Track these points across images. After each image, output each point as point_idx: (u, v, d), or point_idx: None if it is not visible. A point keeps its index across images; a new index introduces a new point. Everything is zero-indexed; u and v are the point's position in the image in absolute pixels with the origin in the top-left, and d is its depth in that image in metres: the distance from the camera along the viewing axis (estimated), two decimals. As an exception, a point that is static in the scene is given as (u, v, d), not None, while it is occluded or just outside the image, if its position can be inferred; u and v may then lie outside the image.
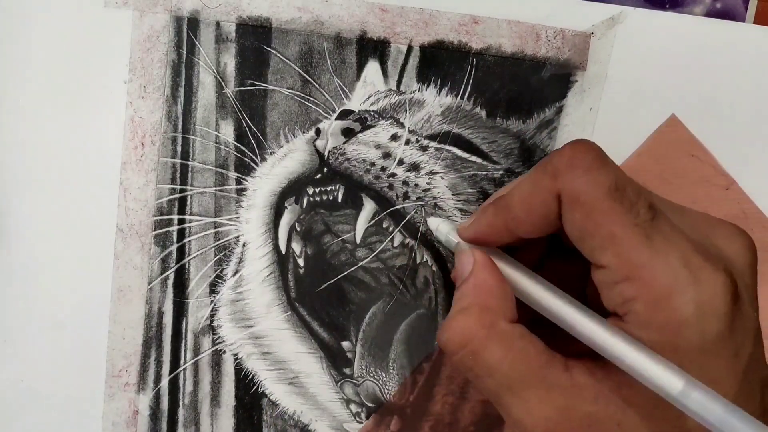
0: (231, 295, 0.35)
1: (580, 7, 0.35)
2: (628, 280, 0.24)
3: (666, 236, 0.24)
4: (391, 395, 0.36)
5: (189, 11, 0.34)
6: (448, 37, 0.34)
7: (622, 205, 0.24)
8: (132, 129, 0.34)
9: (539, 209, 0.26)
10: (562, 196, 0.25)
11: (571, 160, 0.25)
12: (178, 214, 0.35)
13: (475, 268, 0.29)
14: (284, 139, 0.35)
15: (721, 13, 0.36)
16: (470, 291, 0.28)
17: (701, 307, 0.24)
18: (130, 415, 0.35)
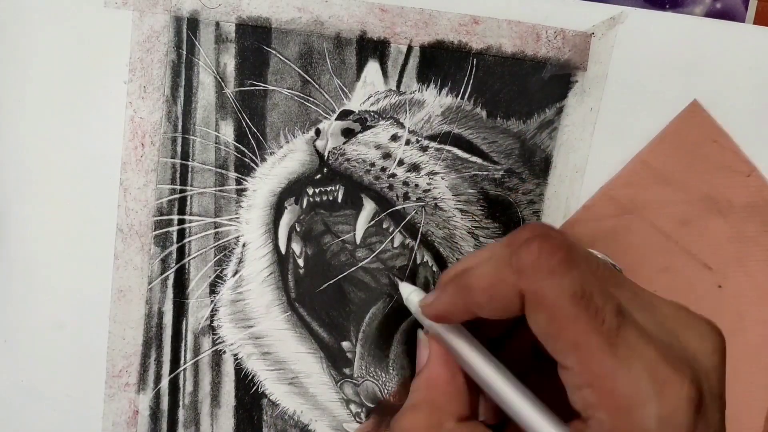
0: (231, 295, 0.35)
1: (581, 8, 0.35)
2: (591, 386, 0.24)
3: (631, 345, 0.24)
4: (390, 395, 0.36)
5: (189, 11, 0.34)
6: (448, 38, 0.34)
7: (587, 312, 0.24)
8: (132, 129, 0.34)
9: (500, 300, 0.26)
10: (526, 296, 0.25)
11: (538, 259, 0.25)
12: (178, 214, 0.35)
13: (429, 361, 0.29)
14: (284, 140, 0.35)
15: (721, 13, 0.36)
16: (422, 385, 0.29)
17: (663, 421, 0.24)
18: (131, 415, 0.35)
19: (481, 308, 0.27)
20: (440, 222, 0.35)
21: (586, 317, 0.24)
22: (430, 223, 0.35)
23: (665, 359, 0.24)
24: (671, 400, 0.24)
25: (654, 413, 0.24)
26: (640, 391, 0.24)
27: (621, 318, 0.24)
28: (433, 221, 0.35)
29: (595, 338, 0.24)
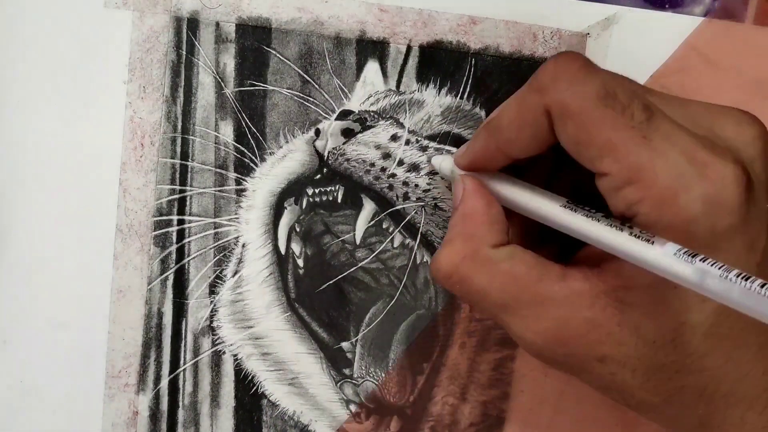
0: (231, 295, 0.35)
1: (577, 8, 0.35)
2: (631, 183, 0.24)
3: (665, 135, 0.24)
4: (390, 396, 0.36)
5: (189, 12, 0.34)
6: (447, 38, 0.34)
7: (614, 110, 0.24)
8: (131, 129, 0.34)
9: (529, 127, 0.26)
10: (552, 111, 0.25)
11: (555, 73, 0.25)
12: (177, 214, 0.35)
13: (464, 196, 0.29)
14: (284, 140, 0.35)
15: (720, 13, 0.36)
16: (457, 221, 0.29)
17: (709, 201, 0.23)
18: (130, 415, 0.35)
19: (512, 145, 0.27)
20: (440, 222, 0.35)
21: (614, 115, 0.24)
22: (430, 223, 0.35)
23: (703, 144, 0.24)
24: (715, 179, 0.23)
25: (698, 195, 0.23)
26: (681, 176, 0.23)
27: (649, 112, 0.24)
28: (433, 221, 0.35)
29: (626, 134, 0.24)
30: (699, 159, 0.23)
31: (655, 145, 0.23)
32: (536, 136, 0.26)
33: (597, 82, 0.24)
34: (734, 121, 0.26)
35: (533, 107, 0.25)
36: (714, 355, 0.25)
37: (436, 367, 0.36)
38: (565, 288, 0.26)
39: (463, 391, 0.36)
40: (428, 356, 0.36)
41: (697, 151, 0.23)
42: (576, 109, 0.24)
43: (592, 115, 0.24)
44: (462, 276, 0.27)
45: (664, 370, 0.25)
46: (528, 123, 0.26)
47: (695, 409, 0.26)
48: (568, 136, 0.25)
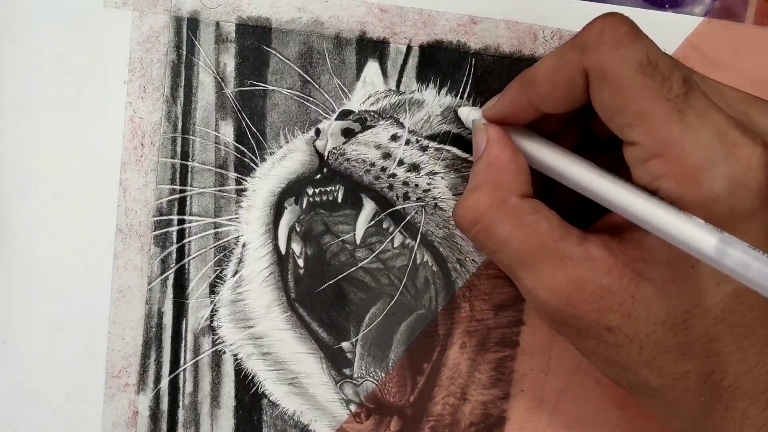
0: (231, 295, 0.35)
1: (577, 8, 0.35)
2: (658, 156, 0.24)
3: (699, 111, 0.23)
4: (391, 396, 0.36)
5: (189, 11, 0.34)
6: (447, 38, 0.34)
7: (653, 81, 0.24)
8: (131, 129, 0.34)
9: (565, 85, 0.26)
10: (590, 73, 0.25)
11: (600, 35, 0.24)
12: (177, 214, 0.35)
13: (488, 145, 0.29)
14: (284, 140, 0.35)
15: (720, 13, 0.36)
16: (483, 169, 0.28)
17: (734, 182, 0.23)
18: (130, 415, 0.35)
19: (544, 100, 0.27)
20: (440, 222, 0.35)
21: (653, 85, 0.23)
22: (430, 223, 0.35)
23: (735, 126, 0.23)
24: (742, 161, 0.23)
25: (724, 174, 0.23)
26: (710, 154, 0.23)
27: (688, 86, 0.24)
28: (434, 221, 0.35)
29: (662, 106, 0.23)
30: (729, 139, 0.23)
31: (688, 120, 0.23)
32: (570, 94, 0.26)
33: (641, 50, 0.24)
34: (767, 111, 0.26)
35: (572, 65, 0.25)
36: (723, 341, 0.25)
37: (436, 367, 0.36)
38: (584, 251, 0.26)
39: (463, 391, 0.36)
40: (428, 356, 0.36)
41: (728, 131, 0.23)
42: (615, 75, 0.24)
43: (631, 83, 0.24)
44: (487, 224, 0.27)
45: (672, 351, 0.25)
46: (564, 80, 0.26)
47: (697, 396, 0.26)
48: (603, 100, 0.25)
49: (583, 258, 0.26)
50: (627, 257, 0.26)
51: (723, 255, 0.22)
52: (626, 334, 0.25)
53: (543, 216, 0.27)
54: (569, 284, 0.26)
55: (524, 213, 0.27)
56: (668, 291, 0.25)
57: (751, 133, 0.24)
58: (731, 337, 0.25)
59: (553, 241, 0.26)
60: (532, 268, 0.26)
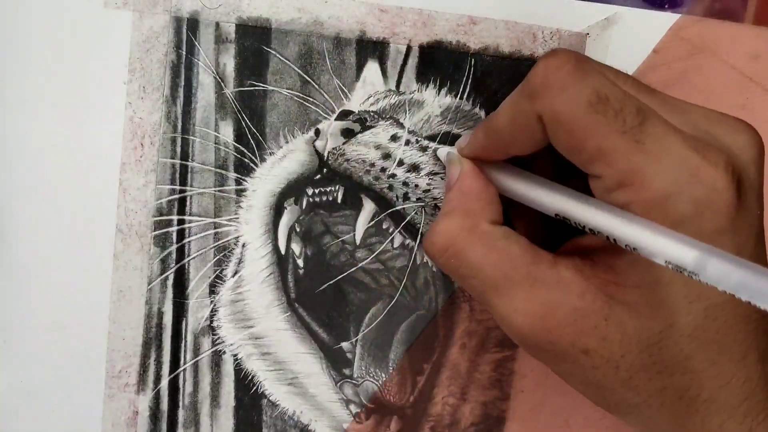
0: (231, 295, 0.35)
1: (577, 8, 0.35)
2: (622, 186, 0.24)
3: (657, 138, 0.23)
4: (390, 396, 0.36)
5: (189, 12, 0.34)
6: (447, 38, 0.34)
7: (606, 117, 0.24)
8: (131, 129, 0.34)
9: (523, 131, 0.26)
10: (543, 117, 0.25)
11: (545, 78, 0.24)
12: (177, 214, 0.35)
13: (462, 176, 0.29)
14: (284, 140, 0.35)
15: (720, 13, 0.36)
16: (455, 196, 0.29)
17: (699, 204, 0.23)
18: (130, 415, 0.35)
19: (510, 145, 0.27)
20: (440, 222, 0.35)
21: (606, 121, 0.23)
22: (430, 224, 0.35)
23: (696, 148, 0.23)
24: (707, 182, 0.23)
25: (687, 198, 0.23)
26: (673, 179, 0.23)
27: (642, 116, 0.24)
28: (433, 221, 0.35)
29: (618, 139, 0.23)
30: (691, 162, 0.23)
31: (647, 149, 0.23)
32: (531, 139, 0.26)
33: (588, 88, 0.24)
34: (732, 129, 0.26)
35: (525, 113, 0.25)
36: (698, 358, 0.25)
37: (436, 368, 0.36)
38: (556, 274, 0.26)
39: (463, 391, 0.36)
40: (428, 356, 0.36)
41: (689, 155, 0.23)
42: (566, 117, 0.24)
43: (583, 122, 0.24)
44: (458, 249, 0.27)
45: (647, 369, 0.25)
46: (522, 127, 0.26)
47: (674, 411, 0.26)
48: (560, 142, 0.25)
49: (556, 281, 0.26)
50: (599, 280, 0.26)
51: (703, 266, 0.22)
52: (602, 355, 0.25)
53: (514, 241, 0.27)
54: (543, 308, 0.26)
55: (495, 238, 0.27)
56: (641, 313, 0.25)
57: (713, 154, 0.24)
58: (705, 353, 0.25)
59: (525, 265, 0.26)
60: (505, 293, 0.26)
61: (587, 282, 0.26)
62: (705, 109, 0.26)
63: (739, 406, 0.25)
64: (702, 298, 0.24)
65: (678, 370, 0.25)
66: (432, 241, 0.28)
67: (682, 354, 0.25)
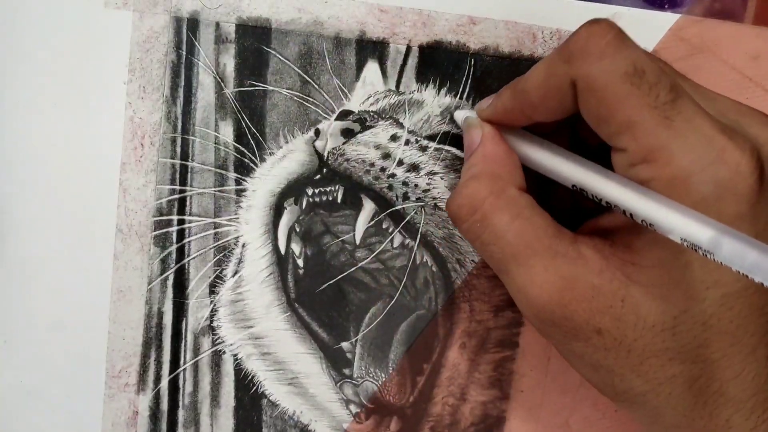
0: (230, 295, 0.35)
1: (577, 8, 0.35)
2: (646, 161, 0.24)
3: (687, 117, 0.23)
4: (390, 396, 0.36)
5: (189, 12, 0.34)
6: (447, 38, 0.34)
7: (639, 89, 0.24)
8: (131, 130, 0.34)
9: (554, 95, 0.26)
10: (577, 83, 0.25)
11: (585, 44, 0.24)
12: (177, 214, 0.35)
13: (484, 139, 0.29)
14: (283, 140, 0.35)
15: (720, 13, 0.36)
16: (479, 160, 0.28)
17: (721, 186, 0.23)
18: (130, 415, 0.35)
19: (536, 109, 0.27)
20: (440, 222, 0.35)
21: (639, 94, 0.23)
22: (430, 223, 0.35)
23: (723, 131, 0.23)
24: (731, 165, 0.23)
25: (711, 178, 0.23)
26: (697, 159, 0.23)
27: (675, 93, 0.24)
28: (433, 221, 0.35)
29: (648, 113, 0.23)
30: (717, 143, 0.23)
31: (676, 126, 0.23)
32: (560, 104, 0.26)
33: (627, 59, 0.24)
34: (759, 121, 0.26)
35: (560, 76, 0.25)
36: (711, 347, 0.25)
37: (436, 368, 0.36)
38: (577, 250, 0.26)
39: (463, 391, 0.36)
40: (428, 356, 0.36)
41: (716, 136, 0.23)
42: (601, 85, 0.24)
43: (617, 92, 0.24)
44: (486, 212, 0.27)
45: (659, 355, 0.25)
46: (553, 91, 0.26)
47: (682, 401, 0.26)
48: (590, 110, 0.25)
49: (576, 256, 0.26)
50: (617, 260, 0.26)
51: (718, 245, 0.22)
52: (615, 337, 0.25)
53: (538, 212, 0.27)
54: (561, 281, 0.26)
55: (522, 205, 0.27)
56: (657, 295, 0.25)
57: (740, 139, 0.24)
58: (718, 343, 0.25)
59: (547, 237, 0.26)
60: (525, 263, 0.26)
61: (606, 261, 0.26)
62: (733, 101, 0.26)
63: (747, 400, 0.25)
64: (719, 284, 0.24)
65: (689, 357, 0.25)
66: (459, 203, 0.28)
67: (696, 341, 0.25)
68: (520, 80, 0.28)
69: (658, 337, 0.25)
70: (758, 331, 0.25)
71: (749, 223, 0.24)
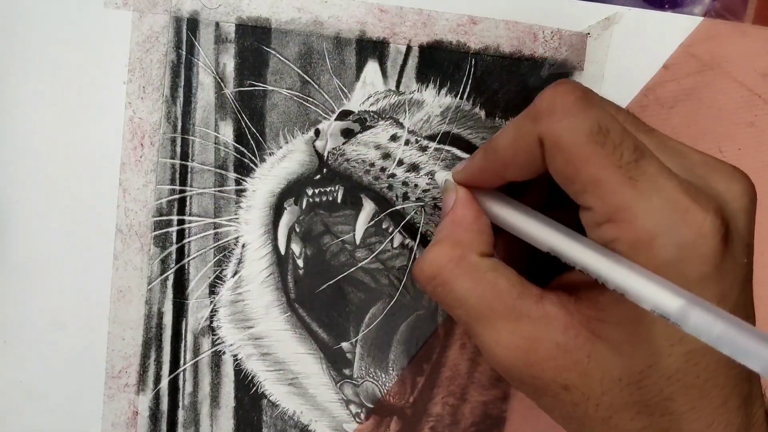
0: (230, 295, 0.35)
1: (577, 8, 0.35)
2: (611, 221, 0.24)
3: (651, 177, 0.24)
4: (390, 396, 0.36)
5: (189, 12, 0.34)
6: (447, 38, 0.34)
7: (603, 149, 0.24)
8: (131, 130, 0.34)
9: (523, 154, 0.26)
10: (544, 141, 0.25)
11: (551, 103, 0.25)
12: (177, 214, 0.35)
13: (455, 204, 0.29)
14: (283, 140, 0.35)
15: (720, 13, 0.36)
16: (446, 225, 0.29)
17: (684, 248, 0.23)
18: (130, 416, 0.35)
19: (507, 168, 0.27)
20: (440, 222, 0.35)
21: (603, 153, 0.24)
22: (430, 223, 0.35)
23: (687, 192, 0.24)
24: (693, 227, 0.23)
25: (674, 241, 0.23)
26: (660, 221, 0.23)
27: (639, 153, 0.24)
28: (433, 221, 0.35)
29: (613, 173, 0.24)
30: (681, 205, 0.23)
31: (640, 187, 0.24)
32: (530, 163, 0.26)
33: (591, 118, 0.24)
34: (727, 176, 0.26)
35: (528, 135, 0.26)
36: (678, 400, 0.25)
37: (436, 368, 0.36)
38: (541, 309, 0.26)
39: (463, 391, 0.36)
40: (428, 356, 0.36)
41: (680, 198, 0.24)
42: (566, 143, 0.24)
43: (582, 151, 0.24)
44: (445, 279, 0.27)
45: (627, 409, 0.25)
46: (522, 149, 0.26)
47: None
48: (557, 168, 0.25)
49: (540, 316, 0.26)
50: (583, 316, 0.26)
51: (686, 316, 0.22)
52: (582, 392, 0.26)
53: (501, 273, 0.27)
54: (526, 342, 0.26)
55: (483, 270, 0.27)
56: (623, 351, 0.25)
57: (704, 199, 0.24)
58: (685, 397, 0.25)
59: (511, 299, 0.26)
60: (490, 325, 0.27)
61: (571, 317, 0.26)
62: (702, 154, 0.27)
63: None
64: (684, 342, 0.24)
65: (658, 410, 0.25)
66: (421, 268, 0.28)
67: (662, 395, 0.25)
68: (491, 140, 0.28)
69: (624, 391, 0.25)
70: (728, 383, 0.25)
71: (714, 284, 0.24)
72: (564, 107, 0.25)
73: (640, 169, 0.24)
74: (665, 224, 0.23)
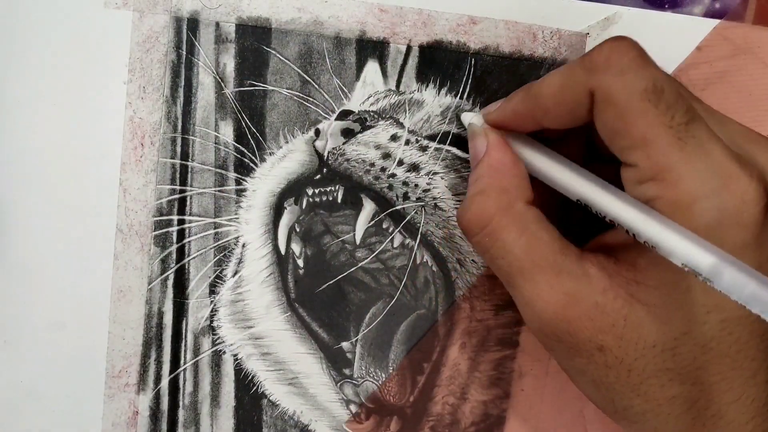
0: (231, 295, 0.35)
1: (577, 8, 0.35)
2: (654, 180, 0.24)
3: (699, 141, 0.24)
4: (390, 396, 0.36)
5: (189, 12, 0.34)
6: (447, 38, 0.34)
7: (656, 108, 0.24)
8: (131, 129, 0.34)
9: (569, 102, 0.26)
10: (596, 94, 0.25)
11: (608, 58, 0.25)
12: (177, 214, 0.35)
13: (489, 148, 0.29)
14: (284, 140, 0.35)
15: (720, 13, 0.36)
16: (486, 172, 0.28)
17: (724, 215, 0.23)
18: (130, 415, 0.35)
19: (547, 114, 0.27)
20: (440, 222, 0.35)
21: (656, 112, 0.24)
22: (430, 223, 0.35)
23: (733, 158, 0.24)
24: (737, 194, 0.23)
25: (716, 205, 0.23)
26: (704, 184, 0.23)
27: (690, 115, 0.24)
28: (433, 221, 0.35)
29: (663, 132, 0.24)
30: (725, 170, 0.23)
31: (688, 149, 0.24)
32: (573, 113, 0.26)
33: (647, 77, 0.24)
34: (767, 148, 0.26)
35: (578, 85, 0.25)
36: (710, 370, 0.25)
37: (436, 367, 0.36)
38: (581, 267, 0.26)
39: (463, 390, 0.36)
40: (428, 356, 0.36)
41: (725, 163, 0.24)
42: (620, 99, 0.24)
43: (635, 108, 0.24)
44: (494, 228, 0.27)
45: (659, 376, 0.25)
46: (569, 98, 0.26)
47: (680, 423, 0.26)
48: (606, 122, 0.25)
49: (580, 274, 0.26)
50: (621, 278, 0.26)
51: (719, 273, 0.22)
52: (616, 355, 0.26)
53: (544, 226, 0.27)
54: (565, 298, 0.26)
55: (529, 220, 0.27)
56: (659, 316, 0.25)
57: (748, 168, 0.24)
58: (718, 367, 0.25)
59: (552, 253, 0.26)
60: (531, 278, 0.26)
61: (610, 279, 0.26)
62: (744, 127, 0.27)
63: (746, 423, 0.25)
64: (719, 309, 0.24)
65: (689, 379, 0.25)
66: (468, 218, 0.28)
67: (695, 363, 0.25)
68: (533, 85, 0.28)
69: (658, 357, 0.25)
70: (758, 356, 0.25)
71: (753, 252, 0.24)
72: (622, 63, 0.24)
73: (690, 131, 0.24)
74: (709, 188, 0.23)
